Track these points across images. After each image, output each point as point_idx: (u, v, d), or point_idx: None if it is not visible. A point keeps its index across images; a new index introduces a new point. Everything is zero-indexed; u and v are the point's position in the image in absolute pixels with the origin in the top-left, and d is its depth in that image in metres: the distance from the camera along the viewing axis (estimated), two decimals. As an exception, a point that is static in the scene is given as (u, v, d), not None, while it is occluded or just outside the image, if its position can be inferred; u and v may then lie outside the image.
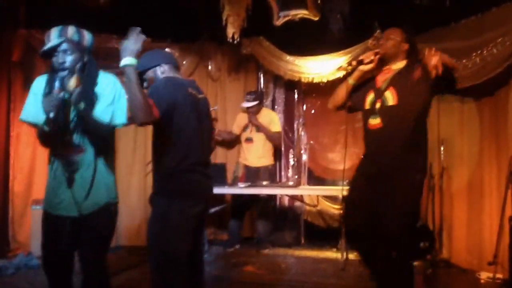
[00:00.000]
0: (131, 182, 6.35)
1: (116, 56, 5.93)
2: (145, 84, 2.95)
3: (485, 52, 4.67)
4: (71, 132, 2.76)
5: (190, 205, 2.82)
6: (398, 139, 3.12)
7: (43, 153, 5.86)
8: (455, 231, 5.38)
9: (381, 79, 3.32)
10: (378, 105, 3.23)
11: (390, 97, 3.16)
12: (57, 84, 2.67)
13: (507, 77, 4.65)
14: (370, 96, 3.31)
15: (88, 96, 2.74)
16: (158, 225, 2.77)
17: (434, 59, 2.81)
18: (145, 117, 2.52)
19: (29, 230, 5.63)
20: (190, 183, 2.84)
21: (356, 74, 3.42)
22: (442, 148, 5.44)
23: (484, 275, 4.76)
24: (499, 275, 4.60)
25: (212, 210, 5.66)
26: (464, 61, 4.86)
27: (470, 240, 5.17)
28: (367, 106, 3.32)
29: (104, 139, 2.89)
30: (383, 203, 3.10)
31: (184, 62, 6.44)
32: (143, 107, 2.50)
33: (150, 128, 2.87)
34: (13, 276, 4.83)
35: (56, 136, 2.70)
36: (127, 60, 2.51)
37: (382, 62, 3.39)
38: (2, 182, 5.72)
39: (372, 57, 3.31)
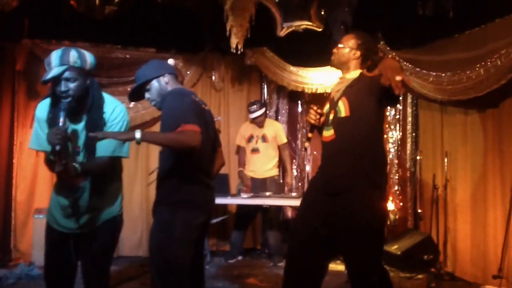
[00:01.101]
0: (133, 192, 6.32)
1: (119, 66, 6.07)
2: (147, 95, 2.93)
3: (489, 63, 4.64)
4: (76, 162, 2.70)
5: (193, 216, 2.80)
6: (351, 152, 2.88)
7: (46, 163, 5.88)
8: (459, 244, 5.33)
9: (335, 89, 3.12)
10: (331, 117, 2.99)
11: (342, 108, 2.92)
12: (61, 115, 2.60)
13: (511, 88, 4.63)
14: (326, 108, 3.11)
15: (97, 128, 2.71)
16: (161, 235, 2.75)
17: (396, 77, 2.54)
18: (192, 141, 2.56)
19: (31, 239, 5.62)
20: (194, 193, 2.83)
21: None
22: (445, 160, 5.42)
23: (488, 289, 4.72)
24: (503, 289, 4.56)
25: (214, 220, 5.63)
26: (468, 72, 4.85)
27: (475, 252, 5.12)
28: (324, 118, 3.11)
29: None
30: (338, 223, 2.87)
31: (188, 73, 6.45)
32: (182, 138, 2.56)
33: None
34: (13, 286, 4.81)
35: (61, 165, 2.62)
36: (137, 134, 2.49)
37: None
38: (4, 191, 5.73)
39: (318, 116, 3.07)
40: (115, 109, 2.83)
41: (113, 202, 2.90)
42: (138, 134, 2.47)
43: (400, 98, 2.94)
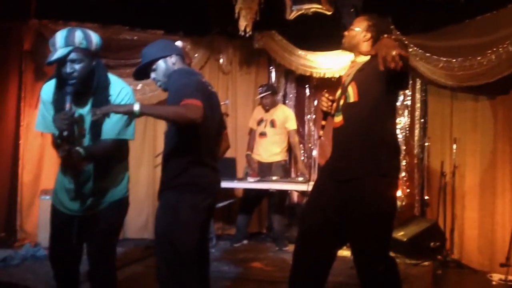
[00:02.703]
0: (139, 175, 6.31)
1: (127, 48, 6.03)
2: (152, 75, 2.87)
3: (500, 49, 4.59)
4: (81, 145, 2.67)
5: (200, 199, 2.77)
6: (358, 138, 2.79)
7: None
8: (466, 231, 5.30)
9: (347, 73, 3.03)
10: (341, 102, 2.91)
11: (351, 93, 2.83)
12: (68, 99, 2.56)
13: (522, 75, 4.58)
14: (338, 93, 3.02)
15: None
16: (168, 219, 2.71)
17: (391, 51, 2.45)
18: (192, 114, 2.50)
19: (36, 220, 5.63)
20: (201, 176, 2.79)
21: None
22: (454, 147, 5.36)
23: (496, 277, 4.69)
24: (511, 277, 4.53)
25: (220, 204, 5.62)
26: (478, 58, 4.80)
27: (482, 240, 5.09)
28: (335, 103, 3.04)
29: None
30: (347, 210, 2.80)
31: (195, 55, 6.40)
32: (182, 111, 2.51)
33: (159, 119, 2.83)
34: (18, 267, 4.81)
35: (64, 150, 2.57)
36: (135, 107, 2.42)
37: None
38: (10, 172, 5.73)
39: (330, 103, 3.02)
40: (121, 91, 2.79)
41: (118, 184, 2.88)
42: (137, 107, 2.42)
43: (409, 82, 2.85)
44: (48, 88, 2.75)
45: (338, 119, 2.91)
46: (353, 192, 2.78)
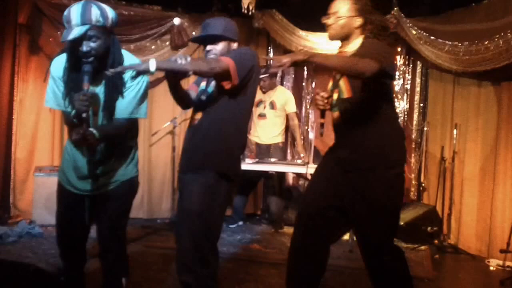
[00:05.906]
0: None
1: (124, 23, 5.88)
2: (210, 47, 2.80)
3: (509, 34, 4.55)
4: (95, 126, 2.58)
5: (233, 184, 2.82)
6: (359, 132, 2.69)
7: (46, 119, 5.78)
8: (464, 217, 5.32)
9: None
10: (335, 96, 2.78)
11: (344, 89, 2.71)
12: (86, 79, 2.45)
13: (530, 62, 4.56)
14: (329, 85, 2.89)
15: (117, 92, 2.59)
16: (206, 200, 2.68)
17: (282, 60, 2.30)
18: (212, 65, 2.54)
19: (31, 197, 5.53)
20: (240, 163, 2.88)
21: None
22: (455, 132, 5.35)
23: (493, 262, 4.72)
24: (509, 263, 4.57)
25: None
26: (485, 43, 4.76)
27: (480, 226, 5.12)
28: (331, 98, 2.90)
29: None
30: (353, 204, 2.74)
31: (193, 33, 6.26)
32: (203, 62, 2.62)
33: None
34: (15, 244, 4.70)
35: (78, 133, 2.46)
36: (151, 66, 2.28)
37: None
38: (4, 149, 5.60)
39: (326, 101, 2.81)
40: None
41: (129, 164, 2.81)
42: (152, 65, 2.27)
43: (391, 74, 2.72)
44: (58, 64, 2.64)
45: (335, 115, 2.82)
46: (361, 183, 2.72)
